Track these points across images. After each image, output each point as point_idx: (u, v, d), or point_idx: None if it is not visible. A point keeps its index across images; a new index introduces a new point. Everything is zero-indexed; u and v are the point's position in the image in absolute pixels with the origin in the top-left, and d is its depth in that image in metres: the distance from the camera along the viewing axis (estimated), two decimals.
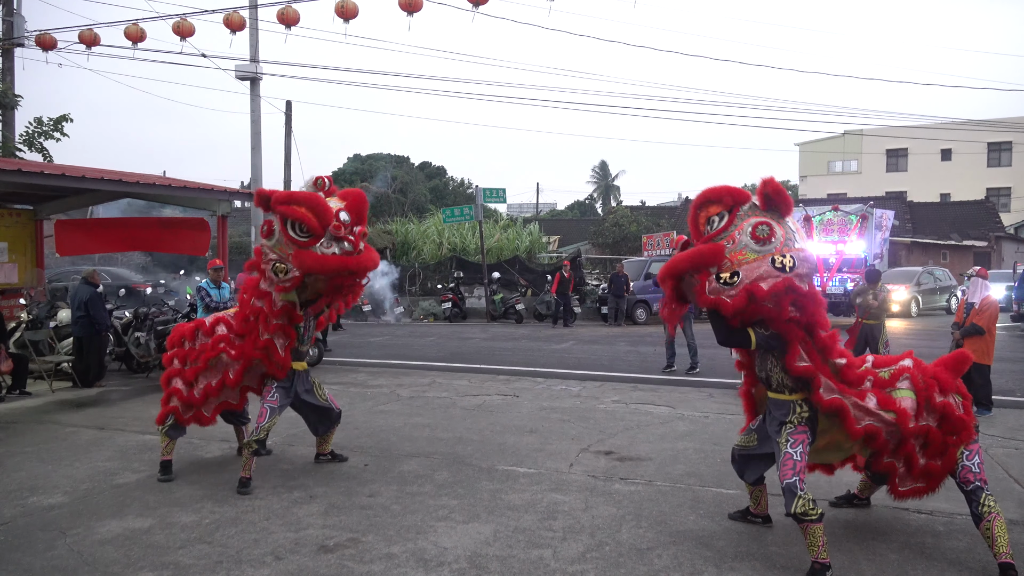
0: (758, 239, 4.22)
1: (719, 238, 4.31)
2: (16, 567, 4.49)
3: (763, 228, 4.23)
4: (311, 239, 5.44)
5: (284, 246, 5.53)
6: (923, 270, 24.20)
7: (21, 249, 12.58)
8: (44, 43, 15.97)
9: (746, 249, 4.23)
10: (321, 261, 5.45)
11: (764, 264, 4.19)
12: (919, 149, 45.42)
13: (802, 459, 4.33)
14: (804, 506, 4.17)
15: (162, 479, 6.11)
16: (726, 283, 4.22)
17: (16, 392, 10.11)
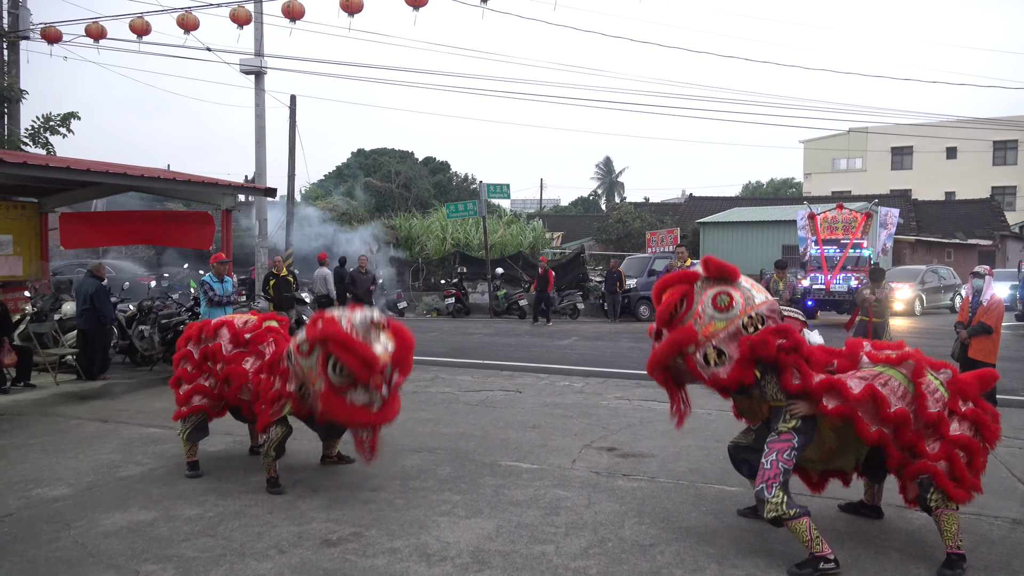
0: (720, 308, 4.47)
1: (685, 319, 4.54)
2: (20, 559, 4.51)
3: (722, 297, 4.49)
4: (346, 384, 5.18)
5: (314, 374, 5.29)
6: (927, 269, 24.17)
7: (26, 242, 12.60)
8: (49, 36, 16.01)
9: (713, 320, 4.46)
10: (346, 412, 5.23)
11: (737, 332, 4.41)
12: (924, 147, 45.28)
13: (773, 467, 4.38)
14: (775, 510, 4.26)
15: (190, 475, 6.09)
16: (717, 364, 4.43)
17: (20, 384, 10.13)
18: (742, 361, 4.38)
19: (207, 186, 12.54)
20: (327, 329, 5.15)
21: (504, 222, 31.13)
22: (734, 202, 40.54)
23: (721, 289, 4.53)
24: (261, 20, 18.37)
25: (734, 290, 4.52)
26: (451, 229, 28.30)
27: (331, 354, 5.12)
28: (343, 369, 5.09)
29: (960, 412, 4.46)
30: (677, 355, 4.55)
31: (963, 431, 4.42)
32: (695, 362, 4.48)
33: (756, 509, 4.97)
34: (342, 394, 5.16)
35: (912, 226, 34.51)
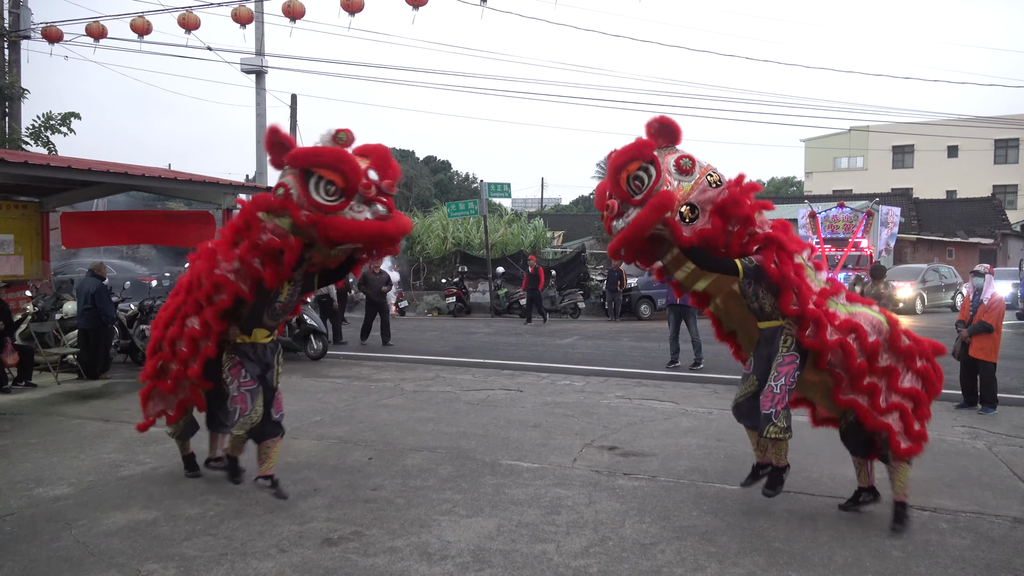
0: (684, 170, 4.70)
1: (657, 188, 4.63)
2: (22, 558, 4.51)
3: (685, 160, 4.72)
4: (340, 202, 4.70)
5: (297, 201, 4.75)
6: (928, 267, 24.15)
7: (27, 241, 12.61)
8: (50, 35, 16.01)
9: (680, 183, 4.67)
10: (359, 228, 4.71)
11: (704, 187, 4.68)
12: (925, 146, 45.25)
13: (782, 391, 4.73)
14: (776, 433, 4.72)
15: (190, 475, 5.92)
16: (690, 220, 4.64)
17: (22, 384, 10.14)
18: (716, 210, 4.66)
19: (208, 185, 12.55)
20: (308, 152, 4.75)
21: (505, 221, 31.13)
22: None
23: (680, 153, 4.74)
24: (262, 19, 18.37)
25: (689, 153, 4.77)
26: (452, 228, 28.31)
27: (308, 174, 4.69)
28: (328, 185, 4.67)
29: (915, 368, 4.90)
30: (659, 220, 4.63)
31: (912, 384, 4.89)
32: (675, 222, 4.63)
33: (756, 469, 5.23)
34: (340, 213, 4.69)
35: (913, 225, 34.51)
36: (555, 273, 23.54)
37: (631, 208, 4.73)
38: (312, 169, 4.69)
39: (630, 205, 4.74)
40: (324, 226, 4.66)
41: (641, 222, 4.63)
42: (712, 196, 4.66)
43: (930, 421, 4.98)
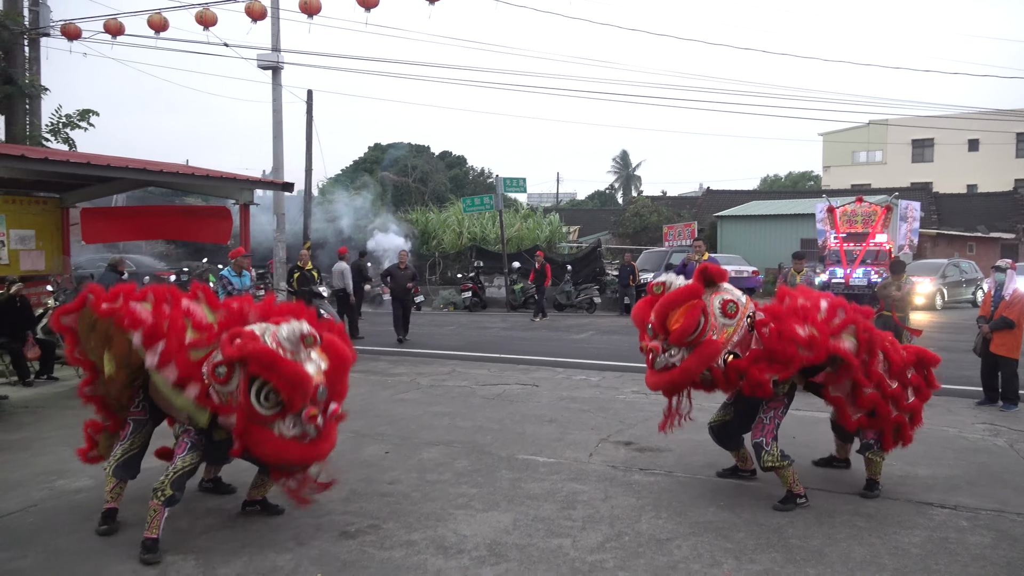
0: (730, 315, 5.03)
1: (706, 334, 4.92)
2: (44, 549, 4.57)
3: (731, 305, 5.06)
4: (274, 414, 4.24)
5: (234, 403, 4.29)
6: (948, 262, 23.88)
7: (48, 236, 12.75)
8: (69, 33, 16.13)
9: (725, 327, 5.01)
10: (281, 449, 4.27)
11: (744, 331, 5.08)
12: (946, 139, 44.74)
13: (771, 423, 5.19)
14: (771, 460, 5.09)
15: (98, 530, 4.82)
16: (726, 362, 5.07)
17: (44, 378, 10.27)
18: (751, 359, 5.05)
19: (225, 181, 12.62)
20: (248, 347, 4.18)
21: (521, 216, 31.10)
22: (752, 195, 40.27)
23: (727, 297, 5.06)
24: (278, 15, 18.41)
25: (733, 296, 5.10)
26: (467, 223, 28.32)
27: (255, 377, 4.19)
28: (270, 395, 4.20)
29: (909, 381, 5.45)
30: (705, 369, 4.97)
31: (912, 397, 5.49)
32: (718, 371, 5.02)
33: (735, 470, 5.89)
34: (268, 425, 4.24)
35: (933, 219, 34.12)
36: (570, 268, 23.48)
37: (675, 348, 4.97)
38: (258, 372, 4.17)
39: (675, 346, 4.98)
40: (247, 434, 4.25)
41: (690, 370, 4.93)
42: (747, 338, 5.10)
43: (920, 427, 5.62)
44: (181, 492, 4.53)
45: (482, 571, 4.23)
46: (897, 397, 5.31)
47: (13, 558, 4.44)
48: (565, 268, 23.57)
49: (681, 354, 4.95)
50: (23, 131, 15.89)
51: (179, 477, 4.46)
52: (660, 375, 5.07)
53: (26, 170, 10.72)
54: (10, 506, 5.32)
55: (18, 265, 12.12)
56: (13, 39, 15.85)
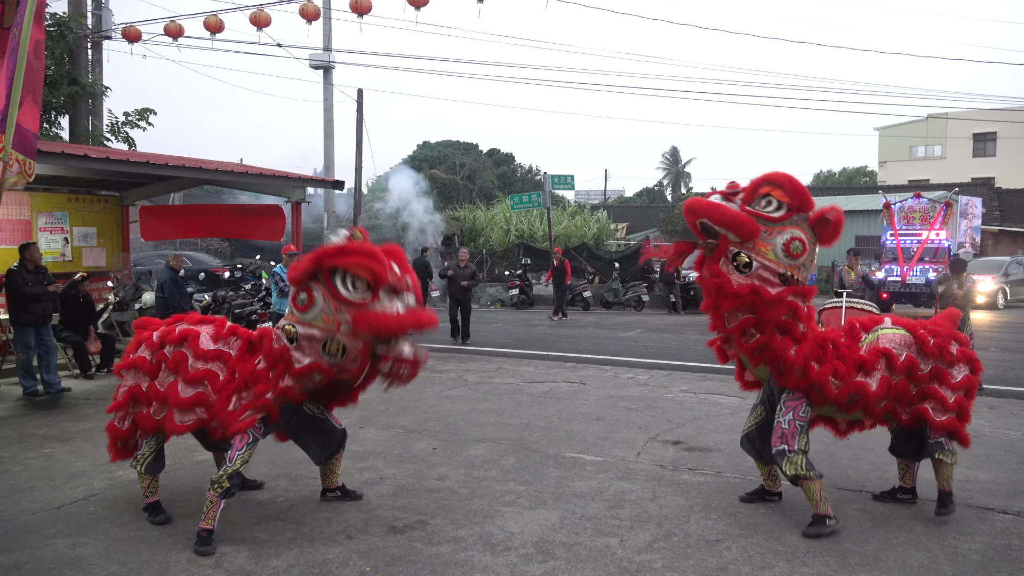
0: (789, 253, 4.44)
1: (760, 221, 4.42)
2: (105, 536, 4.72)
3: (797, 244, 4.44)
4: (370, 297, 4.31)
5: (331, 314, 4.36)
6: (1011, 260, 23.08)
7: (108, 234, 13.16)
8: (130, 35, 16.60)
9: (772, 249, 4.43)
10: (395, 320, 4.31)
11: (774, 271, 4.43)
12: (1009, 133, 43.16)
13: (791, 426, 4.60)
14: (794, 468, 4.53)
15: (155, 521, 4.93)
16: (737, 268, 4.44)
17: (104, 371, 10.60)
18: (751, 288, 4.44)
19: (277, 179, 12.85)
20: (312, 256, 4.36)
21: (568, 213, 31.03)
22: None
23: (804, 237, 4.47)
24: (329, 16, 18.70)
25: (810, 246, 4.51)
26: (515, 220, 28.35)
27: (334, 272, 4.31)
28: (355, 280, 4.30)
29: (953, 358, 4.86)
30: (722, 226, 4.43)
31: (964, 373, 4.88)
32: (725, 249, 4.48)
33: (761, 492, 5.26)
34: (373, 307, 4.29)
35: (995, 216, 33.04)
36: (618, 266, 23.36)
37: (731, 200, 4.55)
38: (337, 265, 4.32)
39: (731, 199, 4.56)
40: (359, 322, 4.29)
41: (712, 210, 4.44)
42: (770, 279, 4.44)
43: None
44: (239, 486, 4.65)
45: (529, 568, 4.24)
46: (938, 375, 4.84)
47: (76, 545, 4.59)
48: (613, 266, 23.44)
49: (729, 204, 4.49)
50: (86, 131, 16.41)
51: (237, 471, 4.55)
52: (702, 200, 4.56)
53: (89, 169, 11.07)
54: (74, 495, 5.50)
55: (80, 261, 12.53)
56: (77, 42, 16.38)
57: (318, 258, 4.34)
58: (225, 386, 4.63)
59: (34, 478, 5.91)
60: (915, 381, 4.81)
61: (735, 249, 4.44)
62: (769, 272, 4.43)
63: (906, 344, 4.83)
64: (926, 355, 4.82)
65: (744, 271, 4.43)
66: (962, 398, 4.82)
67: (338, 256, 4.32)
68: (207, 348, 4.81)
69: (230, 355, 4.78)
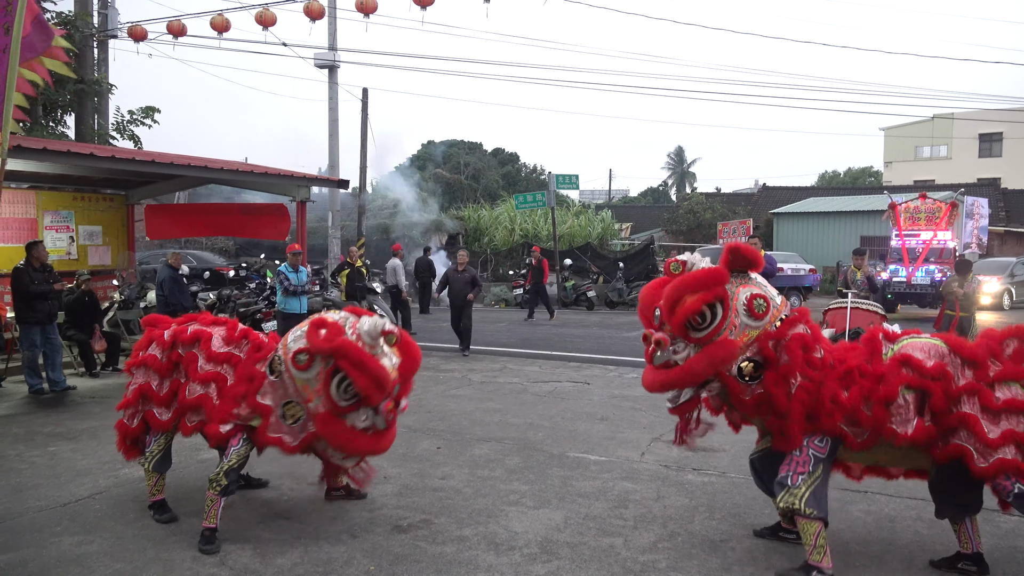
0: (757, 316, 3.99)
1: (722, 331, 3.95)
2: (110, 534, 4.73)
3: (759, 303, 3.99)
4: (350, 406, 4.32)
5: (311, 390, 4.36)
6: (1017, 261, 23.00)
7: (114, 232, 13.20)
8: (135, 34, 16.63)
9: (748, 329, 3.98)
10: (351, 440, 4.36)
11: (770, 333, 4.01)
12: (1015, 133, 42.99)
13: (804, 456, 4.00)
14: (791, 502, 3.95)
15: (160, 519, 4.97)
16: (752, 378, 3.98)
17: (109, 369, 10.63)
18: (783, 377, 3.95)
19: (282, 178, 12.87)
20: (336, 342, 4.26)
21: (573, 213, 31.01)
22: (810, 192, 39.42)
23: (756, 292, 4.03)
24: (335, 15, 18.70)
25: (764, 292, 4.07)
26: (519, 220, 28.35)
27: (339, 370, 4.26)
28: (350, 388, 4.26)
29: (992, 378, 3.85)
30: (715, 373, 4.02)
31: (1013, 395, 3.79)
32: (733, 380, 4.01)
33: (777, 528, 4.65)
34: (343, 416, 4.34)
35: (1001, 216, 32.92)
36: (623, 265, 23.34)
37: (682, 343, 4.03)
38: (343, 367, 4.24)
39: (682, 340, 4.04)
40: (323, 426, 4.34)
41: (694, 372, 3.99)
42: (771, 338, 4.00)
43: None
44: (236, 483, 4.68)
45: (533, 568, 4.23)
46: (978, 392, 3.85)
47: (82, 543, 4.60)
48: (617, 265, 23.42)
49: (688, 351, 4.02)
50: (91, 129, 16.46)
51: (233, 468, 4.57)
52: (657, 372, 4.12)
53: (95, 168, 11.10)
54: (79, 492, 5.52)
55: (86, 260, 12.57)
56: (83, 40, 16.42)
57: (338, 350, 4.24)
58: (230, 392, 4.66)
59: (39, 476, 5.93)
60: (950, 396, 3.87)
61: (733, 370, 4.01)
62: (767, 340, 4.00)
63: (937, 352, 3.99)
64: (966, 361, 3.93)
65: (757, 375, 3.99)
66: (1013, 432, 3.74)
67: (352, 361, 4.21)
68: (219, 351, 4.84)
69: (240, 358, 4.80)
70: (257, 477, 5.71)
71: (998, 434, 3.73)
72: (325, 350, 4.26)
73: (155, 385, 4.96)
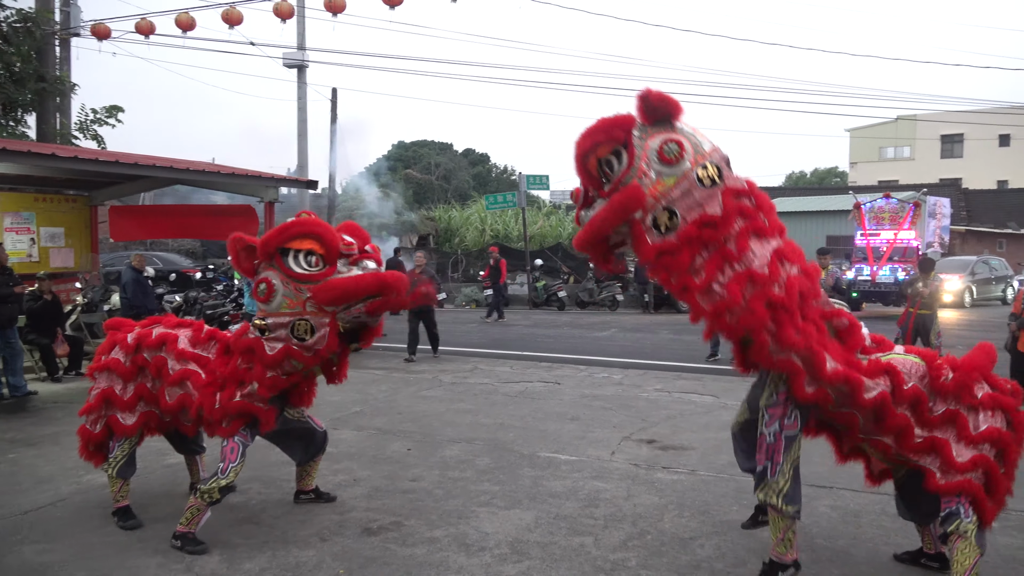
0: (668, 161, 3.55)
1: (627, 179, 3.60)
2: (73, 542, 4.64)
3: (670, 147, 3.56)
4: (326, 268, 4.31)
5: (293, 296, 4.30)
6: (978, 259, 23.52)
7: (77, 234, 12.94)
8: (99, 33, 16.33)
9: (661, 176, 3.57)
10: (355, 282, 4.28)
11: (691, 186, 3.55)
12: (976, 134, 43.97)
13: (776, 440, 3.76)
14: (770, 497, 3.74)
15: (124, 526, 4.85)
16: (668, 228, 3.58)
17: (72, 373, 10.44)
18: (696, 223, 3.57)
19: (250, 179, 12.72)
20: (259, 241, 4.39)
21: (543, 213, 31.07)
22: (777, 192, 39.90)
23: (668, 136, 3.60)
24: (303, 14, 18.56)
25: (681, 136, 3.63)
26: (490, 220, 28.35)
27: (285, 253, 4.30)
28: (308, 255, 4.29)
29: (976, 401, 3.70)
30: (622, 223, 3.68)
31: (990, 423, 3.68)
32: (644, 230, 3.64)
33: (756, 518, 4.47)
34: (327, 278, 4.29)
35: (963, 216, 33.64)
36: (593, 265, 23.45)
37: (599, 200, 3.77)
38: (286, 246, 4.32)
39: (599, 196, 3.78)
40: (319, 293, 4.25)
41: (597, 223, 3.72)
42: (700, 199, 3.58)
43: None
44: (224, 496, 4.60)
45: (504, 569, 4.23)
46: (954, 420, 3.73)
47: (43, 551, 4.51)
48: (588, 265, 23.51)
49: (596, 207, 3.75)
50: (53, 129, 16.13)
51: (229, 486, 4.52)
52: (579, 232, 3.85)
53: (57, 168, 10.89)
54: (40, 500, 5.41)
55: (48, 262, 12.30)
56: (45, 39, 16.09)
57: (265, 243, 4.34)
58: (207, 385, 4.58)
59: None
60: (921, 423, 3.74)
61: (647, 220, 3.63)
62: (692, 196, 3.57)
63: (916, 373, 3.78)
64: (938, 391, 3.75)
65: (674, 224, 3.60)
66: (982, 457, 3.64)
67: (283, 235, 4.32)
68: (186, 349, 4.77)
69: (208, 358, 4.73)
70: None
71: (968, 459, 3.66)
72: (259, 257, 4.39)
73: (118, 389, 4.89)
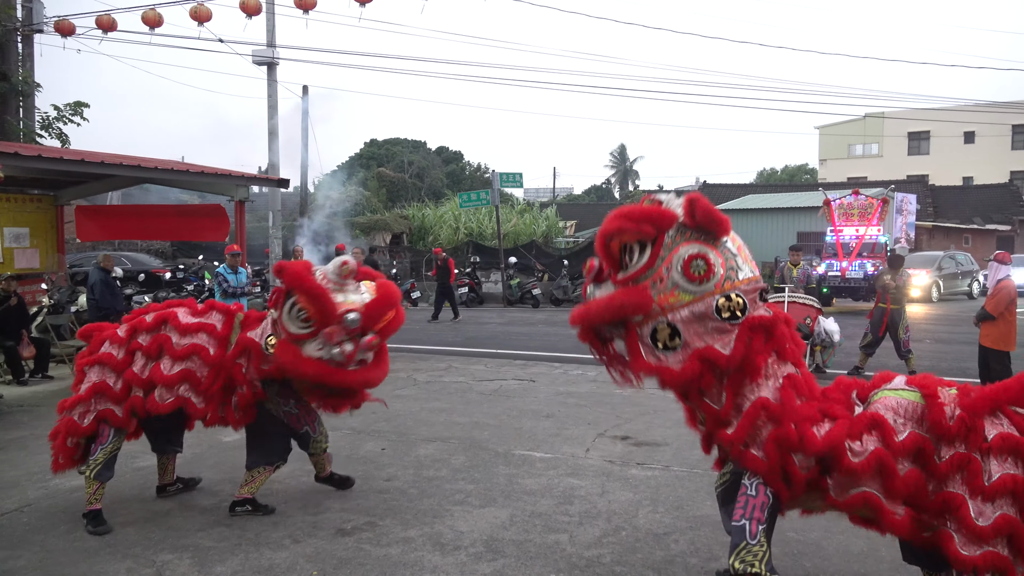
0: (692, 277, 3.31)
1: (641, 278, 3.37)
2: (40, 548, 4.55)
3: (698, 264, 3.31)
4: (306, 333, 4.49)
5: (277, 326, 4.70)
6: (944, 255, 23.92)
7: (42, 235, 12.70)
8: (62, 29, 16.04)
9: (678, 289, 3.33)
10: (296, 363, 4.48)
11: (707, 311, 3.33)
12: (942, 132, 44.76)
13: (759, 494, 3.34)
14: (743, 560, 3.21)
15: (94, 531, 4.77)
16: (666, 347, 3.39)
17: (39, 376, 10.24)
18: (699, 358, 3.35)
19: (220, 177, 12.57)
20: (292, 274, 4.56)
21: (517, 211, 31.11)
22: (748, 189, 40.32)
23: (699, 252, 3.34)
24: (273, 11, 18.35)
25: (716, 254, 3.36)
26: (464, 219, 28.32)
27: (289, 293, 4.57)
28: (300, 312, 4.50)
29: (986, 446, 3.02)
30: (618, 320, 3.47)
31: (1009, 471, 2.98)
32: (638, 336, 3.46)
33: None
34: (297, 344, 4.50)
35: (929, 212, 34.20)
36: (567, 263, 23.51)
37: (609, 283, 3.52)
38: (292, 291, 4.56)
39: (612, 280, 3.52)
40: (280, 349, 4.56)
41: (593, 311, 3.48)
42: (711, 329, 3.35)
43: None
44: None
45: (479, 567, 4.22)
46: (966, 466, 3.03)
47: (8, 558, 4.42)
48: (562, 263, 23.57)
49: (606, 290, 3.50)
50: (16, 128, 15.82)
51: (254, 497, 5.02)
52: (580, 308, 3.59)
53: (20, 167, 10.67)
54: (6, 506, 5.30)
55: (12, 263, 12.07)
56: (6, 35, 15.77)
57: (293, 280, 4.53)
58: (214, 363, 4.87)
59: None
60: (931, 475, 3.11)
61: (645, 329, 3.43)
62: (704, 325, 3.36)
63: (911, 414, 3.20)
64: (942, 435, 3.10)
65: (673, 345, 3.39)
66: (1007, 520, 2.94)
67: (303, 289, 4.49)
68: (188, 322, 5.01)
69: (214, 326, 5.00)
70: (190, 476, 5.67)
71: (991, 523, 2.96)
72: (284, 282, 4.59)
73: (111, 382, 4.91)
